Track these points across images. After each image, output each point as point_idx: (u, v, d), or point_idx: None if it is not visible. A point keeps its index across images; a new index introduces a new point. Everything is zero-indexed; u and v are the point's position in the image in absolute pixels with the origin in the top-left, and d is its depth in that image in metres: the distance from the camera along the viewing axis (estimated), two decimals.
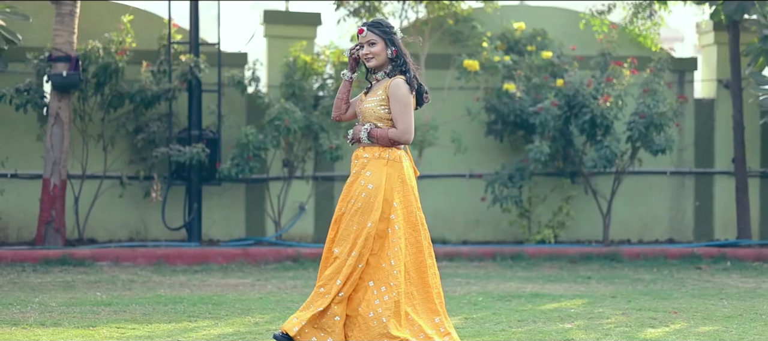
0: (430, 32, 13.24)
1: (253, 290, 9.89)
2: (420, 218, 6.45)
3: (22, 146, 12.82)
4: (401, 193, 6.37)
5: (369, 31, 6.40)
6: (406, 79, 6.38)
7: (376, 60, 6.42)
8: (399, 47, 6.41)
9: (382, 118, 6.39)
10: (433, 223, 13.64)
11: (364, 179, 6.36)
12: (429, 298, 6.44)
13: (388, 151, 6.39)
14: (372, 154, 6.40)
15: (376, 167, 6.36)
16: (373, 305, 6.28)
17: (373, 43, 6.40)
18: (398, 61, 6.41)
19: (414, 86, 6.41)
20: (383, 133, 6.37)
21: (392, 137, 6.36)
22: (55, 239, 12.10)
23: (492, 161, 13.52)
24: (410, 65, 6.43)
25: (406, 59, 6.43)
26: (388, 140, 6.37)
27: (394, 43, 6.40)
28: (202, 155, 12.40)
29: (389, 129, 6.37)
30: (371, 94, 6.46)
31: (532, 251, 12.62)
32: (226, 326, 7.71)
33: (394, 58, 6.40)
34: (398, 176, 6.38)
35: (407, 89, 6.37)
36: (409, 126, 6.33)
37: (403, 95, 6.35)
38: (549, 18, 13.75)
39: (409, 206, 6.40)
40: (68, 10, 12.07)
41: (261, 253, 12.23)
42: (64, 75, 11.93)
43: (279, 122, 12.33)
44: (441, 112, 13.21)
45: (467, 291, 9.75)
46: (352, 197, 6.39)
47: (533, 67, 13.09)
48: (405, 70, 6.41)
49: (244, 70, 13.26)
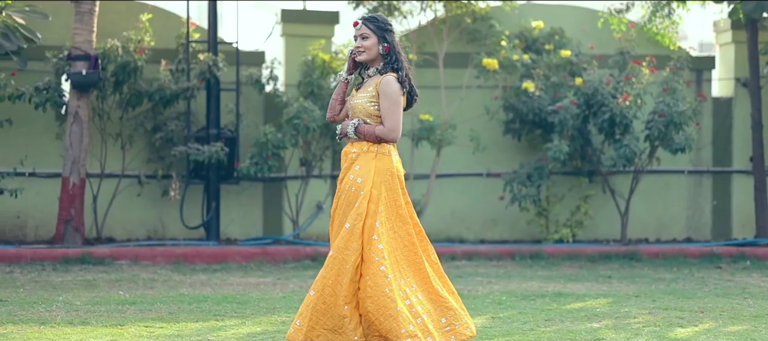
0: (448, 31, 13.22)
1: (275, 289, 9.88)
2: (409, 213, 6.37)
3: (41, 144, 12.82)
4: (389, 186, 6.32)
5: (363, 24, 6.35)
6: (398, 77, 6.31)
7: (367, 54, 6.35)
8: (392, 44, 6.34)
9: (372, 114, 6.34)
10: (451, 222, 13.64)
11: (353, 173, 6.33)
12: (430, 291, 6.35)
13: (376, 146, 6.34)
14: (360, 149, 6.35)
15: (364, 161, 6.32)
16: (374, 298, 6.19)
17: (365, 37, 6.34)
18: (390, 59, 6.35)
19: (405, 85, 6.34)
20: (370, 129, 6.32)
21: (379, 134, 6.31)
22: (74, 237, 12.10)
23: (509, 160, 13.50)
24: (403, 64, 6.36)
25: (399, 57, 6.36)
26: (374, 136, 6.32)
27: (387, 40, 6.33)
28: (221, 153, 12.39)
29: (377, 126, 6.31)
30: (362, 90, 6.41)
31: (550, 251, 12.60)
32: (254, 325, 7.70)
33: (386, 54, 6.34)
34: (387, 169, 6.32)
35: (398, 87, 6.30)
36: (396, 124, 6.27)
37: (393, 92, 6.29)
38: (567, 16, 13.72)
39: (397, 199, 6.33)
40: (88, 8, 12.07)
41: (280, 252, 12.22)
42: (83, 74, 11.93)
43: (298, 121, 12.32)
44: (459, 111, 13.19)
45: (490, 291, 9.74)
46: (342, 193, 6.35)
47: (551, 66, 13.07)
48: (397, 68, 6.33)
49: (262, 69, 13.25)
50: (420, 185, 13.30)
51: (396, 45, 6.36)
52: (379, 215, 6.25)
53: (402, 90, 6.31)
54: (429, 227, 13.43)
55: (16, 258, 11.59)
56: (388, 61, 6.35)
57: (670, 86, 12.69)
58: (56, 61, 12.21)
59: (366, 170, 6.30)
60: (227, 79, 12.96)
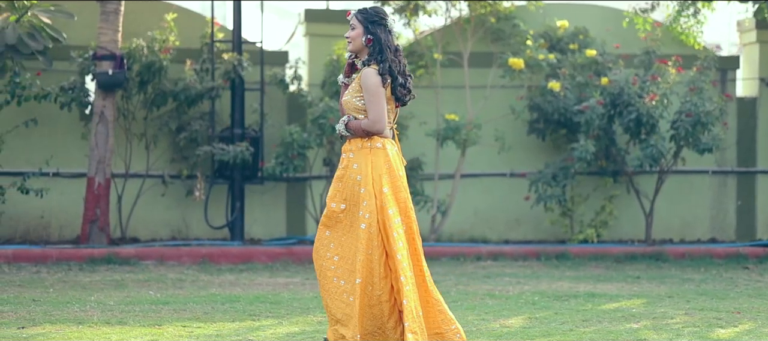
0: (472, 31, 13.18)
1: (304, 289, 9.84)
2: (410, 207, 6.36)
3: (63, 144, 12.80)
4: (389, 178, 6.29)
5: (354, 15, 6.36)
6: (379, 69, 6.25)
7: (353, 44, 6.35)
8: (376, 36, 6.28)
9: (360, 109, 6.32)
10: (474, 222, 13.60)
11: (352, 172, 6.30)
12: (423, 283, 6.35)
13: (369, 140, 6.30)
14: (356, 146, 6.33)
15: (360, 158, 6.29)
16: None
17: (353, 28, 6.36)
18: (374, 50, 6.28)
19: (386, 77, 6.26)
20: (357, 124, 6.30)
21: (364, 127, 6.27)
22: (100, 238, 12.08)
23: (533, 160, 13.45)
24: (387, 55, 6.27)
25: (383, 48, 6.27)
26: (362, 130, 6.29)
27: (370, 31, 6.29)
28: (247, 153, 12.36)
29: (362, 120, 6.29)
30: (351, 86, 6.40)
31: (576, 251, 12.55)
32: (291, 325, 7.67)
33: (370, 46, 6.29)
34: (384, 162, 6.29)
35: (377, 79, 6.24)
36: (378, 115, 6.22)
37: (372, 84, 6.24)
38: (592, 16, 13.67)
39: (399, 192, 6.32)
40: (113, 8, 12.04)
41: (305, 252, 12.18)
42: (110, 73, 11.90)
43: (323, 121, 12.28)
44: (484, 110, 13.14)
45: (520, 291, 9.70)
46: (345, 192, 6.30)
47: (576, 66, 13.02)
48: (380, 60, 6.28)
49: (285, 69, 13.23)
50: (444, 185, 13.25)
51: (381, 37, 6.29)
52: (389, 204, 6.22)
53: (382, 82, 6.24)
54: (452, 228, 13.43)
55: (42, 258, 11.57)
56: (371, 53, 6.31)
57: (696, 85, 12.64)
58: (82, 61, 12.18)
59: (364, 166, 6.26)
60: (250, 79, 12.93)
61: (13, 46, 11.43)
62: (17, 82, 11.81)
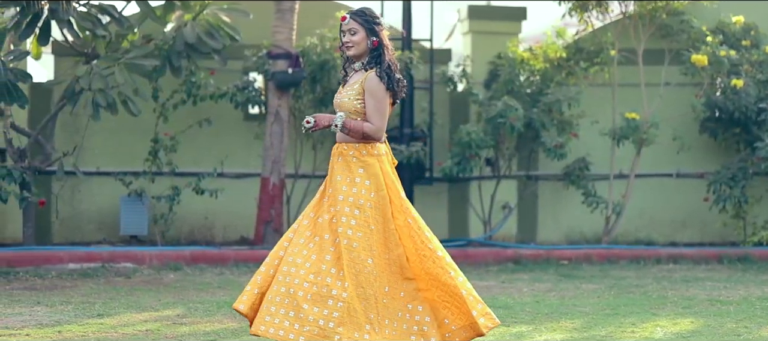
0: (646, 27, 12.82)
1: (519, 293, 9.56)
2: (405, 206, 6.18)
3: (229, 144, 12.64)
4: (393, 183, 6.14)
5: (351, 19, 6.14)
6: (378, 72, 6.06)
7: (356, 49, 6.14)
8: (380, 38, 6.12)
9: (359, 112, 6.11)
10: (638, 223, 13.26)
11: (359, 176, 6.07)
12: None
13: (372, 147, 6.10)
14: (358, 151, 6.09)
15: (367, 165, 6.08)
16: None
17: (354, 32, 6.14)
18: (376, 53, 6.10)
19: (384, 80, 6.06)
20: (358, 126, 6.06)
21: (368, 132, 6.06)
22: (274, 239, 11.86)
23: (700, 161, 13.09)
24: (387, 58, 6.11)
25: (384, 51, 6.11)
26: (361, 134, 6.07)
27: (375, 34, 6.11)
28: (421, 153, 12.13)
29: (365, 124, 6.07)
30: (348, 86, 6.20)
31: (758, 254, 12.18)
32: (550, 332, 7.39)
33: (373, 49, 6.11)
34: (390, 169, 6.15)
35: (384, 85, 6.06)
36: (384, 123, 6.09)
37: (378, 91, 6.06)
38: (764, 11, 13.27)
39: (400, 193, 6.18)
40: (289, 6, 11.86)
41: (481, 254, 11.93)
42: (290, 72, 11.71)
43: (503, 120, 12.00)
44: (659, 109, 12.78)
45: (739, 296, 9.35)
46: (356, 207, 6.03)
47: (754, 63, 12.64)
48: (380, 62, 6.09)
49: (449, 67, 12.98)
50: (618, 186, 12.91)
51: (384, 39, 6.14)
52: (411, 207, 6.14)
53: (386, 87, 6.07)
54: (619, 229, 13.08)
55: (220, 260, 11.40)
56: (373, 55, 6.13)
57: None
58: (256, 60, 12.01)
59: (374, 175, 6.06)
60: (416, 77, 12.70)
61: (192, 45, 11.26)
62: (193, 82, 11.65)
